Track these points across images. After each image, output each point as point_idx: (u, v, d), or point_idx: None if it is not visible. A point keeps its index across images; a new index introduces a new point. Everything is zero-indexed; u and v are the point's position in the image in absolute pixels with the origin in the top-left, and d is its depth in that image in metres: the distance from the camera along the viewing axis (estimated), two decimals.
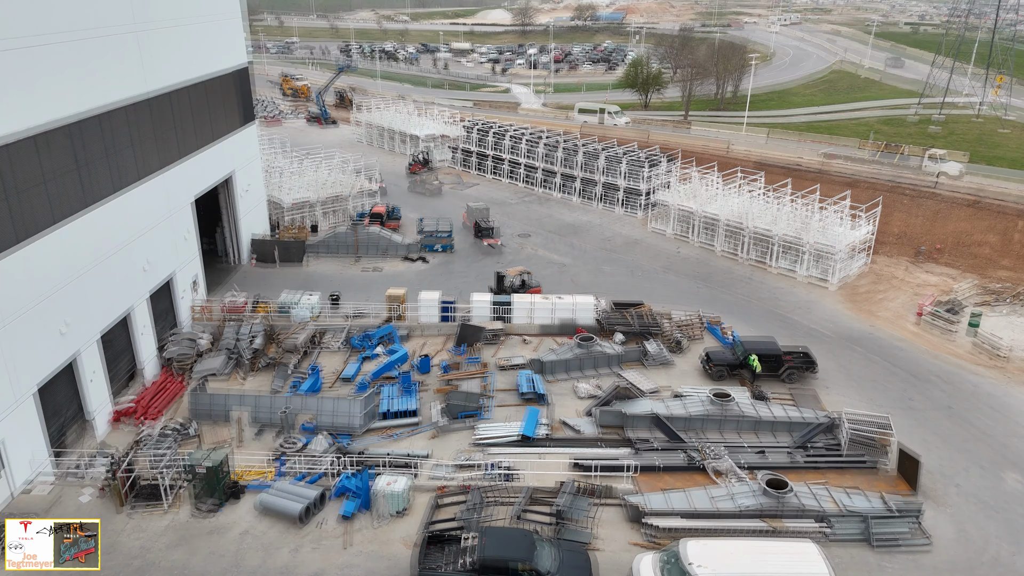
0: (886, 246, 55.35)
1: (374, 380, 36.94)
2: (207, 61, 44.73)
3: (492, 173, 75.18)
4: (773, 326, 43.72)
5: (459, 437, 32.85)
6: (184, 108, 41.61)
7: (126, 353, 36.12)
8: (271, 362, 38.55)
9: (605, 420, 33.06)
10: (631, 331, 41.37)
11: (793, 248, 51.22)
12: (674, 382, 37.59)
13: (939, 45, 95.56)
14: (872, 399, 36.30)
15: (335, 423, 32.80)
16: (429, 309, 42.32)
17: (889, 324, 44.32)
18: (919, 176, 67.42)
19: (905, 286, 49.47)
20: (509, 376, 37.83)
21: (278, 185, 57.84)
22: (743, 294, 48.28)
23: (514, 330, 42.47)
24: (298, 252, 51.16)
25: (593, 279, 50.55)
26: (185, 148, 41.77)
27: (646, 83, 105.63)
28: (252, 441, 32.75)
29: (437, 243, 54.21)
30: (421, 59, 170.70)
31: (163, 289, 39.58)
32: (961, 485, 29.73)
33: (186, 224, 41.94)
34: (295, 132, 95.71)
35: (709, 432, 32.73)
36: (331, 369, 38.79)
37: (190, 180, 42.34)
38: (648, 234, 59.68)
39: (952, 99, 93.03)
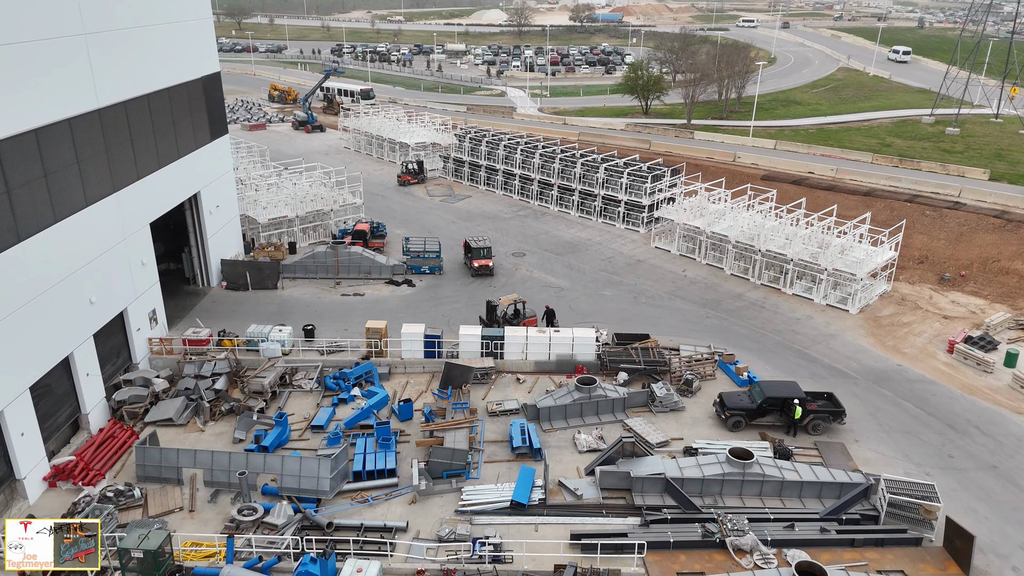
0: (907, 270, 51.47)
1: (348, 429, 32.94)
2: (171, 68, 40.61)
3: (485, 184, 71.16)
4: (791, 363, 39.85)
5: (443, 501, 28.84)
6: (143, 121, 37.47)
7: (67, 400, 31.96)
8: (234, 407, 34.49)
9: (609, 482, 29.08)
10: (636, 369, 37.44)
11: (810, 271, 47.36)
12: (685, 431, 33.68)
13: (953, 52, 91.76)
14: (907, 453, 32.41)
15: (301, 486, 28.75)
16: (412, 344, 38.30)
17: (917, 361, 40.44)
18: (940, 185, 63.90)
19: (931, 316, 45.59)
20: (501, 423, 33.87)
21: (253, 200, 53.65)
22: (756, 324, 44.37)
23: (506, 367, 38.50)
24: (272, 275, 47.04)
25: (593, 305, 46.59)
26: (144, 165, 37.63)
27: (646, 88, 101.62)
28: (206, 505, 28.69)
29: (424, 264, 50.15)
30: (415, 61, 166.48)
31: (115, 323, 35.43)
32: (1020, 569, 25.82)
33: (143, 249, 37.77)
34: (280, 138, 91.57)
35: (728, 497, 28.76)
36: (302, 414, 34.77)
37: (149, 200, 38.19)
38: (651, 253, 55.73)
39: (966, 105, 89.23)
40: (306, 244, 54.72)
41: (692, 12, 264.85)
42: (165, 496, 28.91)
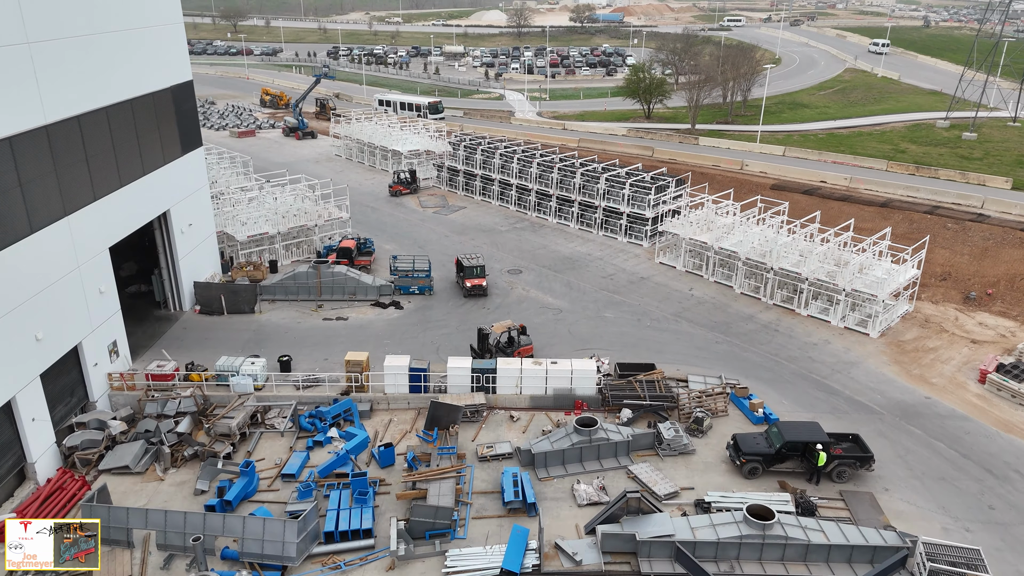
0: (929, 288, 48.18)
1: (323, 479, 29.74)
2: (135, 78, 37.42)
3: (481, 194, 67.92)
4: (809, 396, 36.59)
5: (424, 568, 25.65)
6: (100, 137, 34.29)
7: (11, 448, 28.83)
8: (199, 451, 31.29)
9: (611, 545, 25.84)
10: (641, 406, 34.18)
11: (826, 291, 44.10)
12: (696, 478, 30.42)
13: (969, 54, 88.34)
14: (943, 504, 29.13)
15: (265, 551, 25.53)
16: (396, 378, 35.08)
17: (947, 392, 37.15)
18: (961, 195, 60.55)
19: (958, 340, 42.29)
20: (492, 470, 30.65)
21: (232, 216, 50.42)
22: (770, 350, 41.10)
23: (499, 403, 35.27)
24: (249, 298, 43.80)
25: (593, 329, 43.34)
26: (103, 185, 34.44)
27: (648, 91, 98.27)
28: (159, 573, 25.49)
29: (413, 284, 46.91)
30: (411, 63, 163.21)
31: (68, 359, 32.27)
32: None
33: (101, 276, 34.57)
34: (269, 145, 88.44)
35: (746, 562, 25.51)
36: (273, 459, 31.59)
37: (108, 223, 34.98)
38: (655, 269, 52.45)
39: (982, 108, 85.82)
40: (289, 262, 51.52)
41: (694, 12, 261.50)
42: (113, 562, 25.72)
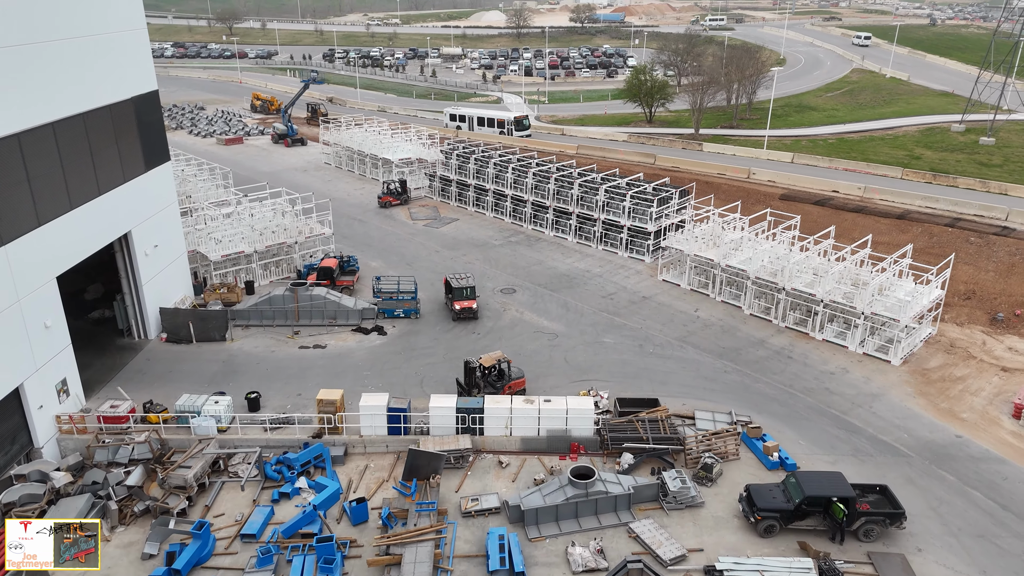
0: (953, 308, 44.84)
1: (287, 539, 26.52)
2: (88, 90, 34.24)
3: (474, 205, 64.69)
4: (828, 434, 33.29)
5: None
6: (46, 155, 31.11)
7: None
8: (150, 507, 28.08)
9: None
10: (643, 449, 30.90)
11: (843, 313, 40.82)
12: (706, 537, 27.14)
13: (985, 55, 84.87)
14: (984, 568, 25.84)
15: None
16: (374, 419, 31.84)
17: (979, 430, 33.84)
18: (984, 206, 57.15)
19: (987, 368, 38.97)
20: (476, 528, 27.41)
21: (206, 234, 47.20)
22: (783, 380, 37.80)
23: (487, 446, 32.02)
24: (220, 325, 40.57)
25: (592, 356, 40.07)
26: (48, 208, 31.27)
27: (650, 94, 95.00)
28: None
29: (398, 307, 43.67)
30: (408, 65, 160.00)
31: (8, 403, 29.13)
32: None
33: (47, 308, 31.36)
34: (256, 153, 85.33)
35: None
36: (234, 514, 28.36)
37: (55, 250, 31.82)
38: (658, 287, 49.15)
39: (1000, 111, 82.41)
40: (267, 282, 48.30)
41: (695, 11, 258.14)
42: None
